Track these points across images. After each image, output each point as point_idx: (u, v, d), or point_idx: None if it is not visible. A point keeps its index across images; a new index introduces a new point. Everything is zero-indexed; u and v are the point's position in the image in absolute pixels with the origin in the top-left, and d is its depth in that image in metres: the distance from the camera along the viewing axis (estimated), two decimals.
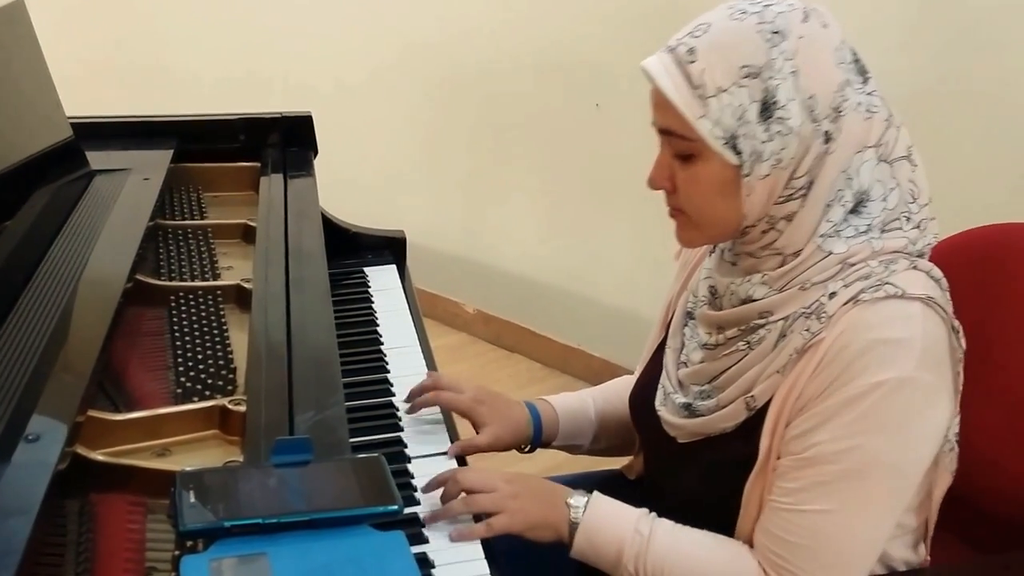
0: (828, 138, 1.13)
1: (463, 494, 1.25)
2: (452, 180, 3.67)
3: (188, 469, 0.92)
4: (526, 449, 1.50)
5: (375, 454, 0.96)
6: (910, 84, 2.35)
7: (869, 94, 1.16)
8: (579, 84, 3.15)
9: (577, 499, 1.24)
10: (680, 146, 1.16)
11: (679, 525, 1.24)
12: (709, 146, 1.13)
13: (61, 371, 1.09)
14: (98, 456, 1.05)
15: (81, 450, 1.04)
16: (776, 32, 1.12)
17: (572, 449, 1.56)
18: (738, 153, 1.13)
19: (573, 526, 1.23)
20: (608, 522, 1.23)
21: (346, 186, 3.64)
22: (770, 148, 1.12)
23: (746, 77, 1.11)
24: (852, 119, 1.14)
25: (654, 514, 1.24)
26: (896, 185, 1.17)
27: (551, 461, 2.00)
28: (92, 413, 1.09)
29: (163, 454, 1.13)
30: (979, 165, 2.34)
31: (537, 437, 1.49)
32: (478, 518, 1.24)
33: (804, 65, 1.12)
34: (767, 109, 1.12)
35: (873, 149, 1.16)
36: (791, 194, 1.15)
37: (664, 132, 1.18)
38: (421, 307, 1.91)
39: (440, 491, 1.27)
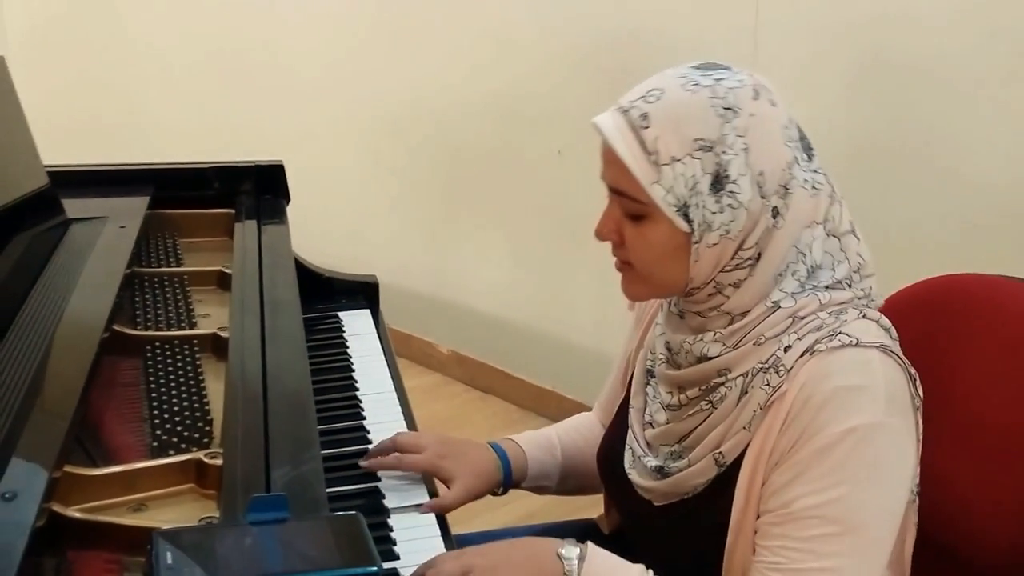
0: (776, 213, 1.15)
1: None
2: (424, 222, 3.69)
3: (165, 528, 0.92)
4: (499, 492, 1.50)
5: (352, 512, 0.97)
6: (853, 138, 2.41)
7: (814, 171, 1.18)
8: (542, 131, 3.20)
9: (569, 550, 1.19)
10: (631, 207, 1.17)
11: None
12: (660, 210, 1.15)
13: (38, 426, 1.09)
14: (74, 513, 1.05)
15: (57, 507, 1.03)
16: (728, 108, 1.14)
17: (540, 489, 1.55)
18: (689, 221, 1.15)
19: None
20: None
21: (318, 229, 3.66)
22: (720, 219, 1.14)
23: (699, 150, 1.13)
24: (799, 196, 1.16)
25: (651, 571, 1.22)
26: (845, 258, 1.20)
27: (523, 511, 2.01)
28: (68, 468, 1.09)
29: (139, 509, 1.13)
30: (924, 217, 2.39)
31: (508, 479, 1.48)
32: None
33: (755, 142, 1.14)
34: (718, 182, 1.13)
35: (821, 226, 1.18)
36: (739, 263, 1.17)
37: (615, 191, 1.19)
38: (395, 347, 1.92)
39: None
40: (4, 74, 1.75)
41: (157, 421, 1.27)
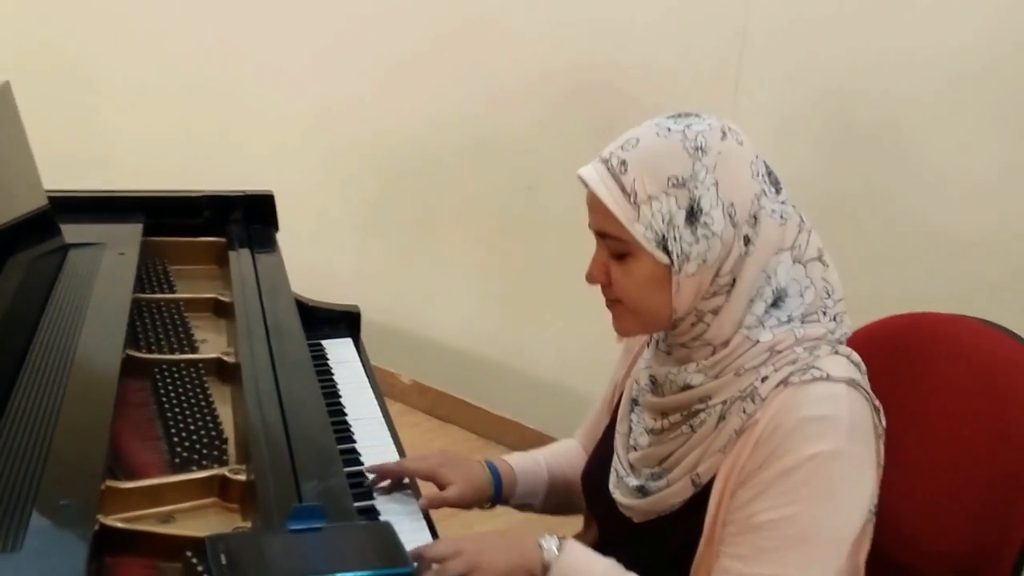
0: (747, 241, 1.26)
1: (435, 566, 1.28)
2: (388, 253, 3.74)
3: (214, 534, 0.99)
4: (487, 506, 1.59)
5: (383, 520, 1.05)
6: (823, 185, 2.53)
7: (782, 203, 1.29)
8: (513, 167, 3.28)
9: (548, 540, 1.30)
10: (615, 246, 1.28)
11: None
12: (642, 247, 1.25)
13: (77, 441, 1.16)
14: (116, 523, 1.11)
15: (100, 516, 1.10)
16: (698, 148, 1.25)
17: (525, 507, 1.64)
18: (668, 253, 1.25)
19: (546, 566, 1.29)
20: (583, 567, 1.30)
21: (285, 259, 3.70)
22: (696, 250, 1.25)
23: (673, 187, 1.24)
24: (768, 225, 1.27)
25: (621, 566, 1.32)
26: (810, 284, 1.30)
27: (504, 525, 2.08)
28: (108, 482, 1.16)
29: (168, 520, 1.20)
30: (886, 259, 2.51)
31: (498, 495, 1.58)
32: None
33: (724, 177, 1.25)
34: (693, 215, 1.24)
35: (788, 252, 1.29)
36: (716, 291, 1.27)
37: (600, 234, 1.30)
38: None
39: None
40: (8, 98, 1.81)
41: (176, 439, 1.34)
